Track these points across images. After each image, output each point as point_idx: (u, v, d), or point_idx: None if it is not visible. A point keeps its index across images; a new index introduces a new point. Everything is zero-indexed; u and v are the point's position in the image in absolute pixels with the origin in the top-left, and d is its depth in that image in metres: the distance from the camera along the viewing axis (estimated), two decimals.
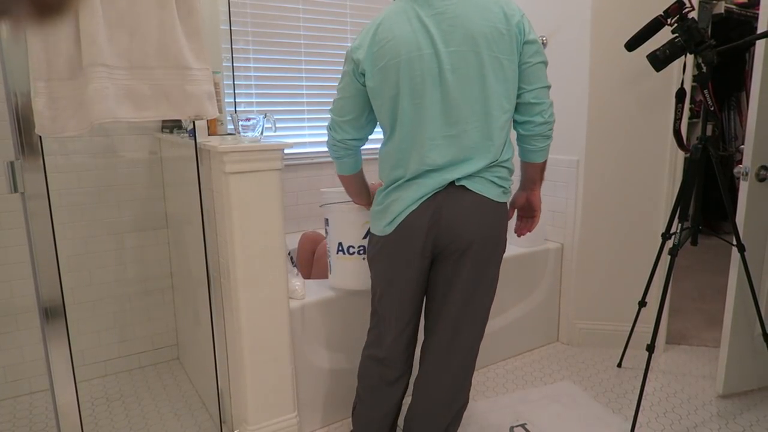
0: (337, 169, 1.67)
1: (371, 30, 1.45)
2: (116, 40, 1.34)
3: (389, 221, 1.49)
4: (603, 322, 2.62)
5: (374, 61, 1.43)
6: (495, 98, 1.42)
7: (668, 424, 2.00)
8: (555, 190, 2.62)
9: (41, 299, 1.38)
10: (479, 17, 1.39)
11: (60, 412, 1.44)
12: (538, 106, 1.48)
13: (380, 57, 1.42)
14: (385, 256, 1.53)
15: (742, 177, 1.98)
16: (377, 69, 1.43)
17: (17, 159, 1.29)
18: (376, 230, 1.55)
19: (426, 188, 1.44)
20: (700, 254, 4.03)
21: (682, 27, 1.80)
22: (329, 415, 2.02)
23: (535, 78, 1.46)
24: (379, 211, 1.53)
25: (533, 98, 1.47)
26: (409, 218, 1.45)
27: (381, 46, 1.41)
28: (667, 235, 2.09)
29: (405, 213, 1.46)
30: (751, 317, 2.09)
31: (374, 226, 1.56)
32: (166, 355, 2.53)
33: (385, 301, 1.58)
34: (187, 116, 1.49)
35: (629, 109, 2.40)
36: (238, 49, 2.50)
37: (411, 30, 1.40)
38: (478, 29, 1.39)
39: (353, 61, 1.46)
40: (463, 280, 1.49)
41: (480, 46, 1.39)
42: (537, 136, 1.52)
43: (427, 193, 1.44)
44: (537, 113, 1.49)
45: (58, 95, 1.29)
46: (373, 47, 1.43)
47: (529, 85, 1.46)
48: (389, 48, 1.41)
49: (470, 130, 1.42)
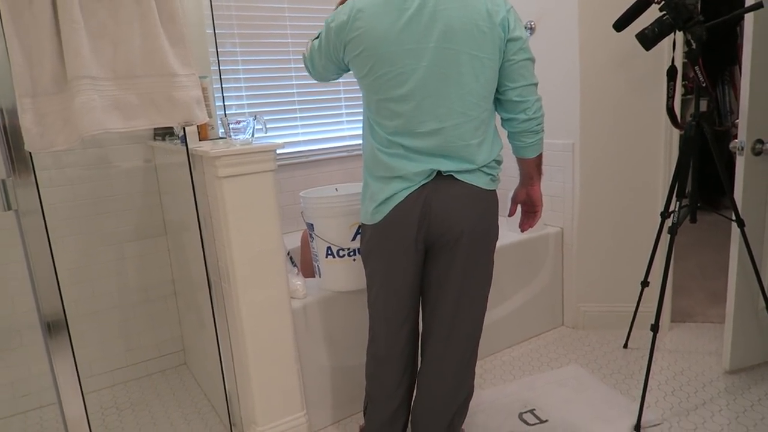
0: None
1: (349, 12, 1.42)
2: (100, 51, 1.33)
3: (376, 206, 1.49)
4: (607, 304, 2.62)
5: (351, 48, 1.44)
6: (472, 97, 1.41)
7: (676, 403, 2.00)
8: (552, 174, 2.62)
9: (42, 314, 1.38)
10: (461, 14, 1.37)
11: (69, 424, 1.45)
12: (522, 103, 1.48)
13: (356, 45, 1.41)
14: (379, 246, 1.53)
15: (738, 152, 1.97)
16: (353, 56, 1.44)
17: (9, 176, 1.29)
18: (366, 220, 1.55)
19: (410, 181, 1.45)
20: (700, 231, 4.02)
21: (669, 4, 1.78)
22: (338, 411, 2.03)
23: (519, 76, 1.45)
24: (366, 203, 1.54)
25: (516, 96, 1.47)
26: (399, 208, 1.46)
27: (358, 34, 1.40)
28: (665, 213, 2.09)
29: (392, 202, 1.46)
30: (754, 292, 2.09)
31: (363, 216, 1.57)
32: (173, 361, 2.54)
33: (382, 298, 1.58)
34: (177, 123, 1.48)
35: (622, 90, 2.39)
36: (225, 52, 2.49)
37: (392, 22, 1.37)
38: (459, 26, 1.37)
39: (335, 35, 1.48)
40: (458, 270, 1.50)
41: (459, 43, 1.37)
42: (524, 132, 1.52)
43: (412, 185, 1.44)
44: (521, 111, 1.48)
45: (45, 110, 1.28)
46: (350, 33, 1.41)
47: (513, 82, 1.46)
48: (366, 38, 1.39)
49: (448, 128, 1.41)
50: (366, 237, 1.58)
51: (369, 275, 1.62)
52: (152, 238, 2.42)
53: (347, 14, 1.41)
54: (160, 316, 2.49)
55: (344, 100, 2.88)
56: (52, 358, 1.41)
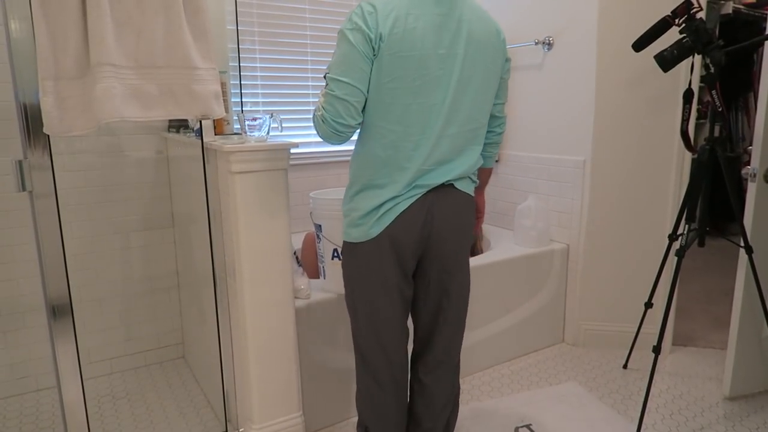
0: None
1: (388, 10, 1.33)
2: (124, 39, 1.34)
3: (376, 221, 1.43)
4: (609, 323, 2.61)
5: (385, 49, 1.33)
6: (483, 106, 1.49)
7: (674, 426, 1.99)
8: (561, 190, 2.62)
9: (48, 297, 1.38)
10: (481, 27, 1.43)
11: (66, 409, 1.45)
12: (500, 118, 1.63)
13: (391, 46, 1.33)
14: (377, 264, 1.46)
15: (750, 178, 1.96)
16: (387, 57, 1.34)
17: (25, 158, 1.30)
18: (360, 236, 1.45)
19: (420, 189, 1.44)
20: (707, 256, 4.00)
21: (689, 27, 1.79)
22: (334, 414, 2.02)
23: (503, 93, 1.60)
24: (364, 215, 1.44)
25: (497, 112, 1.61)
26: (402, 218, 1.43)
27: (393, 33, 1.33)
28: (674, 236, 2.08)
29: (396, 212, 1.42)
30: (758, 319, 2.08)
31: (357, 232, 1.45)
32: (171, 353, 2.54)
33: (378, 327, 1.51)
34: (194, 116, 1.49)
35: (636, 110, 2.39)
36: (244, 49, 2.50)
37: (428, 26, 1.36)
38: (479, 37, 1.42)
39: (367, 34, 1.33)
40: (456, 275, 1.54)
41: (481, 53, 1.43)
42: (493, 144, 1.67)
43: (419, 193, 1.44)
44: (497, 125, 1.63)
45: (66, 94, 1.29)
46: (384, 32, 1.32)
47: (498, 99, 1.58)
48: (407, 38, 1.34)
49: (462, 133, 1.46)
50: (356, 258, 1.48)
51: (358, 302, 1.52)
52: (159, 230, 2.43)
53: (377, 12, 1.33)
54: (161, 308, 2.49)
55: None
56: (55, 342, 1.41)
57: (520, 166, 2.83)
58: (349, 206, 1.50)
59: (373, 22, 1.32)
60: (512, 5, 2.72)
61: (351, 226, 1.48)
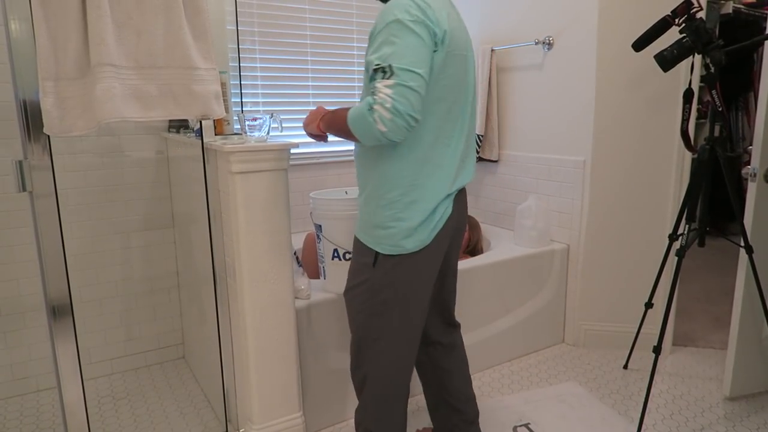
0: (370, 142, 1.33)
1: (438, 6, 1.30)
2: (124, 39, 1.34)
3: (434, 226, 1.41)
4: (609, 324, 2.61)
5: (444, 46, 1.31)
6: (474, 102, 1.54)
7: (675, 427, 1.98)
8: (561, 190, 2.62)
9: (48, 297, 1.38)
10: (465, 29, 1.49)
11: (67, 409, 1.45)
12: None
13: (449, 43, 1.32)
14: (426, 270, 1.45)
15: (750, 178, 1.96)
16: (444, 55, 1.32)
17: (26, 158, 1.30)
18: (416, 245, 1.40)
19: (458, 188, 1.49)
20: (707, 255, 4.00)
21: (689, 27, 1.79)
22: (335, 414, 2.02)
23: None
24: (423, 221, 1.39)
25: None
26: (448, 221, 1.46)
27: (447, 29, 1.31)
28: (674, 236, 2.08)
29: (448, 213, 1.45)
30: (758, 319, 2.08)
31: (412, 242, 1.40)
32: (171, 353, 2.54)
33: (412, 321, 1.50)
34: (194, 116, 1.49)
35: (636, 110, 2.39)
36: (244, 49, 2.50)
37: (458, 25, 1.41)
38: (468, 39, 1.49)
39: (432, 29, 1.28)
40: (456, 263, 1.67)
41: (471, 55, 1.50)
42: None
43: (456, 192, 1.49)
44: None
45: (66, 95, 1.29)
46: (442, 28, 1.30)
47: None
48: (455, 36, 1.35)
49: (472, 132, 1.55)
50: (406, 270, 1.43)
51: (398, 320, 1.47)
52: (159, 230, 2.43)
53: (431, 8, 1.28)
54: (161, 308, 2.49)
55: None
56: (55, 342, 1.41)
57: (520, 167, 2.83)
58: (392, 213, 1.39)
59: (433, 17, 1.27)
60: (512, 5, 2.72)
61: (403, 237, 1.39)
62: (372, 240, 1.44)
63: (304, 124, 1.54)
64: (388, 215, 1.39)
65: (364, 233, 1.46)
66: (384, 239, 1.41)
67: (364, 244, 1.46)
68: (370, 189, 1.43)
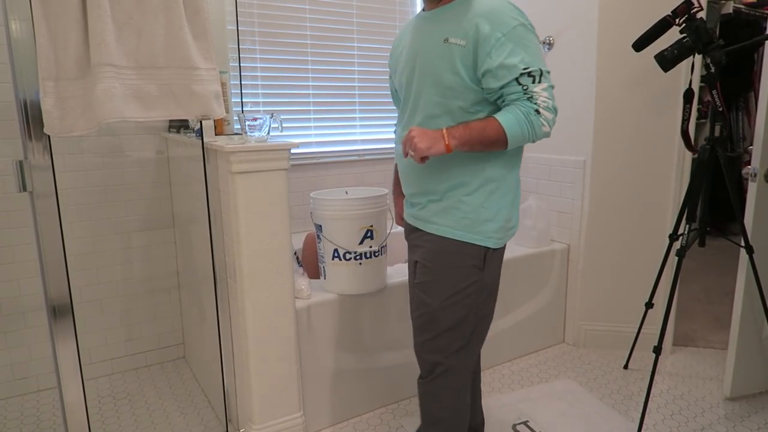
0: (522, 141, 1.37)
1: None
2: (124, 39, 1.34)
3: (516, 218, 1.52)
4: (609, 324, 2.61)
5: None
6: None
7: (675, 427, 1.98)
8: (561, 190, 2.61)
9: (49, 297, 1.38)
10: None
11: (67, 409, 1.45)
12: None
13: None
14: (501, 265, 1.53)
15: (751, 178, 1.96)
16: None
17: (26, 158, 1.30)
18: (505, 239, 1.47)
19: None
20: (707, 255, 4.00)
21: (690, 27, 1.79)
22: (335, 414, 2.02)
23: None
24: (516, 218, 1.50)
25: None
26: None
27: None
28: (674, 236, 2.08)
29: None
30: (759, 319, 2.08)
31: (506, 237, 1.47)
32: (172, 353, 2.54)
33: (490, 314, 1.56)
34: (194, 116, 1.49)
35: (637, 110, 2.39)
36: (244, 49, 2.50)
37: None
38: None
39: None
40: None
41: None
42: None
43: None
44: None
45: (67, 95, 1.30)
46: None
47: None
48: None
49: None
50: (495, 263, 1.48)
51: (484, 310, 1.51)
52: (160, 230, 2.43)
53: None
54: (162, 308, 2.49)
55: (359, 104, 2.89)
56: (55, 342, 1.41)
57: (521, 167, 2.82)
58: (499, 211, 1.43)
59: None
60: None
61: (501, 231, 1.44)
62: (481, 236, 1.42)
63: (421, 148, 1.30)
64: (497, 210, 1.43)
65: (469, 231, 1.42)
66: (495, 233, 1.43)
67: (469, 243, 1.42)
68: (479, 183, 1.41)
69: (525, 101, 1.30)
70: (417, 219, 1.53)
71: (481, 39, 1.30)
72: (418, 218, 1.52)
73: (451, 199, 1.43)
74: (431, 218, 1.46)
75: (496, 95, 1.35)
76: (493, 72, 1.30)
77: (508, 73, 1.29)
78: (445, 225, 1.44)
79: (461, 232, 1.42)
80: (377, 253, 1.94)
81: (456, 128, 1.33)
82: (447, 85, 1.36)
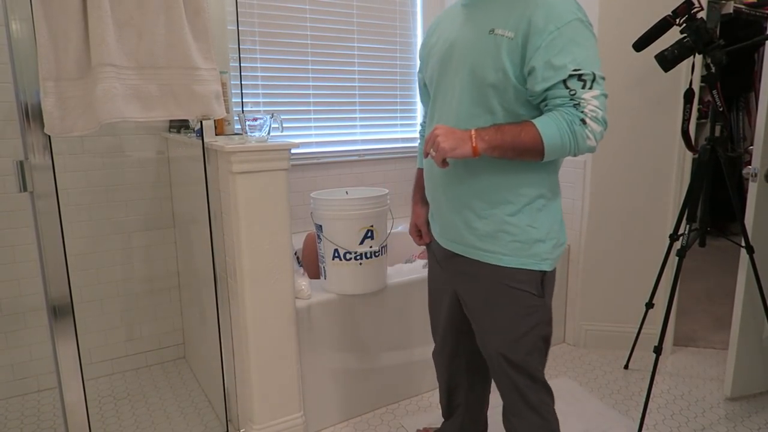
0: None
1: None
2: (125, 40, 1.34)
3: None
4: (610, 324, 2.61)
5: None
6: None
7: (676, 427, 1.98)
8: (561, 190, 2.61)
9: (49, 297, 1.38)
10: None
11: (67, 410, 1.45)
12: None
13: None
14: None
15: (751, 178, 1.96)
16: None
17: (26, 158, 1.30)
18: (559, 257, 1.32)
19: None
20: (708, 256, 4.00)
21: (690, 27, 1.79)
22: (335, 415, 2.02)
23: None
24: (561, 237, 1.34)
25: None
26: None
27: None
28: (674, 236, 2.08)
29: None
30: (759, 319, 2.08)
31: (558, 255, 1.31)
32: (172, 353, 2.54)
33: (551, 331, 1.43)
34: (195, 116, 1.49)
35: (637, 110, 2.39)
36: (245, 49, 2.50)
37: None
38: None
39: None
40: None
41: None
42: None
43: None
44: None
45: (67, 95, 1.30)
46: None
47: None
48: None
49: None
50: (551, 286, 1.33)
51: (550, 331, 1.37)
52: (160, 230, 2.43)
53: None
54: (162, 308, 2.49)
55: (359, 104, 2.89)
56: (56, 342, 1.41)
57: None
58: (553, 227, 1.29)
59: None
60: None
61: (554, 251, 1.29)
62: (535, 260, 1.26)
63: (444, 148, 1.15)
64: (551, 226, 1.28)
65: (521, 256, 1.25)
66: (548, 253, 1.27)
67: (525, 270, 1.26)
68: (525, 201, 1.25)
69: (570, 108, 1.13)
70: (455, 243, 1.34)
71: (533, 31, 1.12)
72: (457, 242, 1.33)
73: (493, 219, 1.25)
74: (476, 244, 1.28)
75: (539, 98, 1.17)
76: (539, 72, 1.13)
77: (555, 74, 1.12)
78: (494, 251, 1.26)
79: (512, 258, 1.25)
80: (377, 253, 1.94)
81: (486, 130, 1.16)
82: (488, 82, 1.19)
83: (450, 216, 1.33)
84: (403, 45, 2.96)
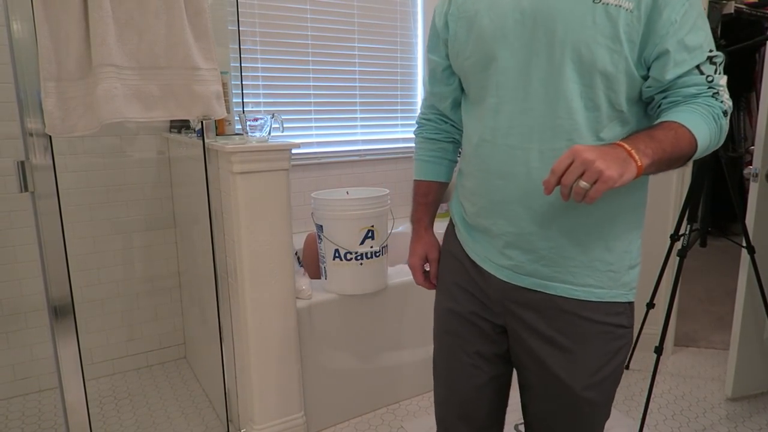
0: None
1: None
2: (125, 40, 1.34)
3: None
4: None
5: None
6: None
7: (676, 427, 1.98)
8: None
9: (50, 297, 1.39)
10: None
11: (68, 410, 1.45)
12: None
13: None
14: None
15: (752, 178, 1.96)
16: None
17: (27, 159, 1.30)
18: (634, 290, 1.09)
19: None
20: (709, 256, 4.00)
21: None
22: (336, 415, 2.02)
23: None
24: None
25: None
26: None
27: None
28: (675, 236, 2.08)
29: None
30: (760, 319, 2.08)
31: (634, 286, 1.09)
32: (173, 354, 2.54)
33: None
34: (195, 116, 1.49)
35: None
36: (245, 49, 2.50)
37: None
38: None
39: None
40: None
41: None
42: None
43: None
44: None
45: (68, 95, 1.30)
46: None
47: None
48: None
49: None
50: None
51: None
52: (161, 230, 2.43)
53: None
54: (163, 309, 2.49)
55: (360, 104, 2.89)
56: (57, 343, 1.41)
57: None
58: (638, 249, 1.10)
59: None
60: None
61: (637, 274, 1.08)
62: (625, 290, 1.05)
63: (611, 176, 0.77)
64: (638, 243, 1.09)
65: (613, 288, 1.03)
66: (634, 281, 1.07)
67: (617, 302, 1.03)
68: (624, 219, 1.04)
69: (709, 98, 0.89)
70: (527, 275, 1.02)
71: (664, 1, 0.85)
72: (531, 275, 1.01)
73: (595, 246, 1.01)
74: (559, 276, 1.00)
75: (660, 89, 0.91)
76: (672, 55, 0.86)
77: (690, 58, 0.87)
78: (584, 285, 1.00)
79: (603, 290, 1.01)
80: (378, 253, 1.94)
81: (636, 141, 0.84)
82: (599, 68, 0.88)
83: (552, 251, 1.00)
84: (404, 45, 2.96)
